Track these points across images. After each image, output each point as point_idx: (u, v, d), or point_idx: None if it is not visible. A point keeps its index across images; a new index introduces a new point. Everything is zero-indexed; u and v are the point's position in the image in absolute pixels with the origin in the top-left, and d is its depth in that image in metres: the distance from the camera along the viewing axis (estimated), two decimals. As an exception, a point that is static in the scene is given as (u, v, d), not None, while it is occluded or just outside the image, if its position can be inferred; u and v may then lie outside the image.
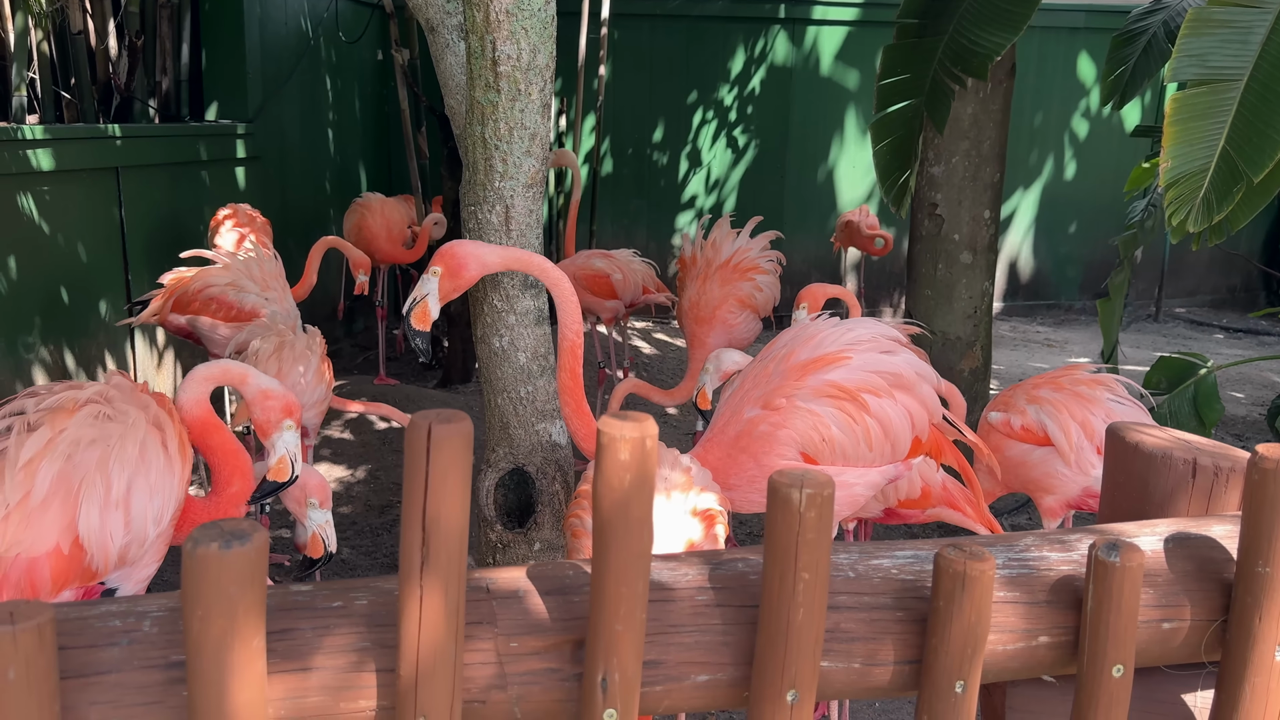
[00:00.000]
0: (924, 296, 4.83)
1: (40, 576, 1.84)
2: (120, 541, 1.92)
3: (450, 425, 0.95)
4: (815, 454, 2.17)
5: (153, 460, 2.00)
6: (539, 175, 2.21)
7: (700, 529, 1.89)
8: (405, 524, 0.97)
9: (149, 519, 1.98)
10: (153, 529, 1.98)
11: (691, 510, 1.88)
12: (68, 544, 1.88)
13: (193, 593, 0.92)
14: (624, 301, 5.62)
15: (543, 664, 1.06)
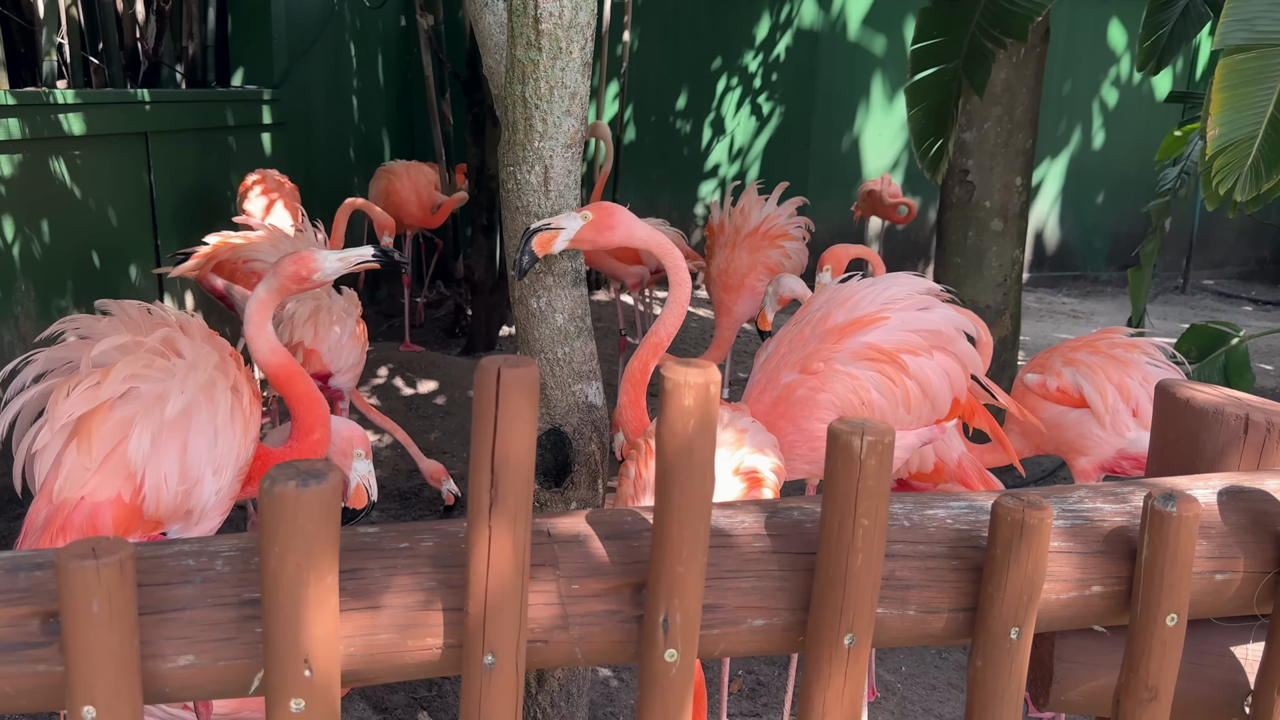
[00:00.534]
0: (953, 264, 4.81)
1: (102, 523, 1.88)
2: (174, 489, 1.94)
3: (519, 370, 0.96)
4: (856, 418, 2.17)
5: (218, 407, 2.02)
6: (578, 135, 2.21)
7: (741, 489, 1.90)
8: (474, 466, 0.99)
9: (207, 468, 1.99)
10: (211, 479, 2.00)
11: (735, 469, 1.88)
12: (129, 492, 1.91)
13: (270, 529, 0.94)
14: (649, 268, 5.62)
15: (603, 606, 1.08)
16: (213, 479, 2.04)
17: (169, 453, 1.95)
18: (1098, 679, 1.24)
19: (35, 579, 1.02)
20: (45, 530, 1.85)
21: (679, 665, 1.05)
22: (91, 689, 0.95)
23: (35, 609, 1.00)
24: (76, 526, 1.85)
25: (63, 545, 1.83)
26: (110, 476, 1.90)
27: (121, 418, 1.94)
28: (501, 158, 2.27)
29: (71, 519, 1.85)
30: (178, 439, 1.96)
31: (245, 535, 1.09)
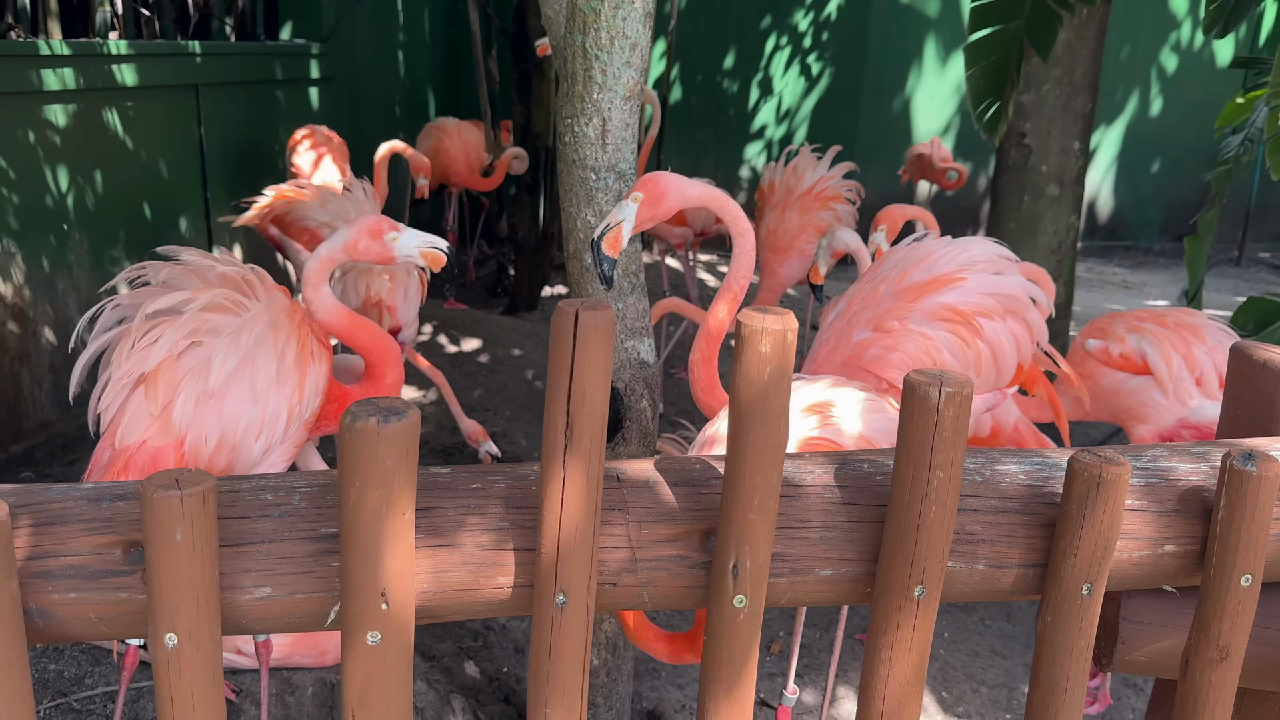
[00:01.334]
0: (1007, 229, 4.73)
1: (164, 462, 1.92)
2: (210, 451, 1.98)
3: (596, 313, 0.96)
4: (928, 379, 2.15)
5: (259, 373, 2.04)
6: (637, 87, 2.19)
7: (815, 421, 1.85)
8: (550, 408, 0.99)
9: (249, 432, 2.03)
10: (255, 442, 2.04)
11: (803, 408, 1.85)
12: (182, 448, 1.96)
13: (350, 464, 0.95)
14: (693, 230, 5.58)
15: (672, 550, 1.08)
16: (256, 441, 2.08)
17: (210, 417, 1.99)
18: (1164, 640, 1.23)
19: (117, 509, 1.04)
20: (109, 470, 1.90)
21: (747, 611, 1.05)
22: (174, 616, 0.97)
23: (118, 538, 1.02)
24: (138, 468, 1.89)
25: None
26: (167, 426, 1.95)
27: (176, 375, 1.98)
28: (559, 110, 2.26)
29: (134, 460, 1.90)
30: (216, 406, 2.00)
31: (322, 472, 1.10)
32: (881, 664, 1.09)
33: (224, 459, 2.01)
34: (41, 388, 4.40)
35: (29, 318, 4.29)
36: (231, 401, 2.03)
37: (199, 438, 1.98)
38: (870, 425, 1.79)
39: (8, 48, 4.20)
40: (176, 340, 1.98)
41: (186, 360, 1.98)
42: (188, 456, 2.00)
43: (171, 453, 1.94)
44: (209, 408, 1.99)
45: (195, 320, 2.01)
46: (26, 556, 1.00)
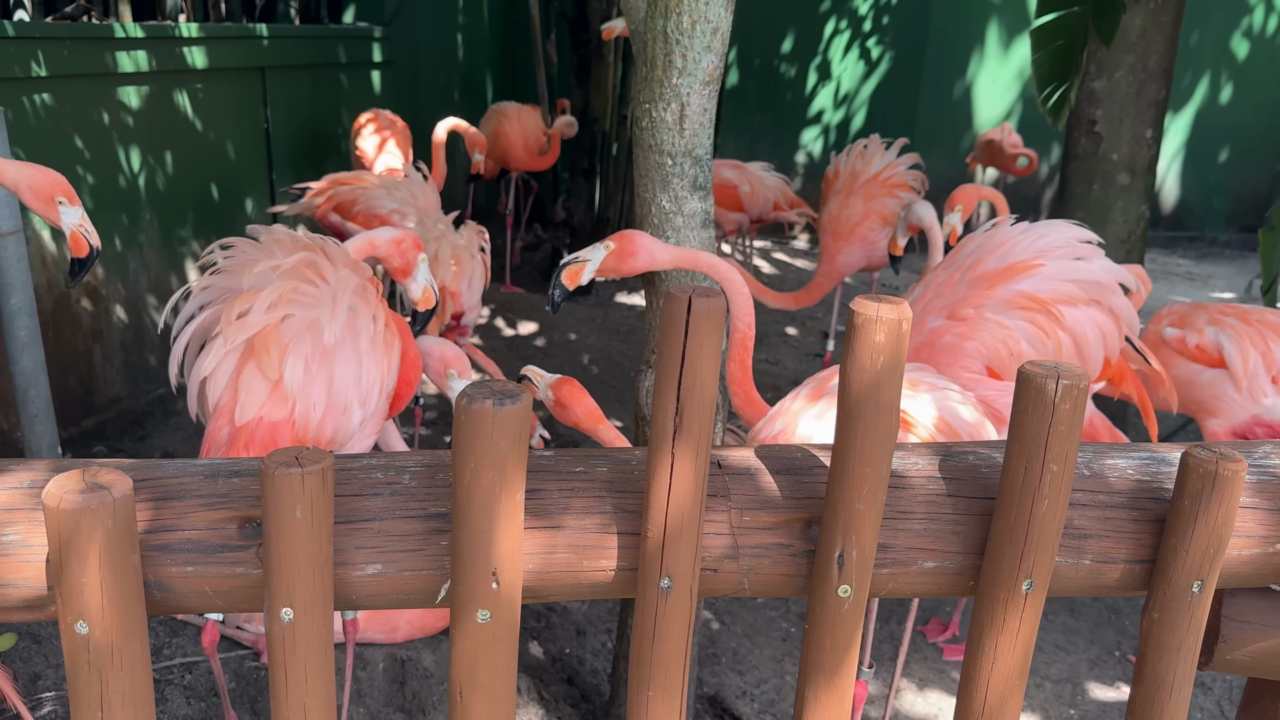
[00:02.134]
0: (1076, 218, 4.62)
1: (282, 442, 1.96)
2: (319, 418, 2.00)
3: (709, 299, 0.96)
4: (1001, 369, 2.12)
5: (360, 335, 2.07)
6: (717, 72, 2.18)
7: None
8: (659, 393, 1.00)
9: (354, 398, 2.05)
10: (357, 410, 2.06)
11: None
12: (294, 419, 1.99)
13: (465, 446, 0.97)
14: (749, 216, 5.54)
15: (773, 539, 1.08)
16: (359, 410, 2.10)
17: (318, 382, 2.01)
18: (1268, 639, 1.20)
19: (233, 485, 1.06)
20: (231, 447, 1.92)
21: (851, 601, 1.05)
22: (291, 592, 0.99)
23: (233, 513, 1.05)
24: (259, 444, 1.93)
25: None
26: (280, 394, 1.97)
27: (283, 340, 2.00)
28: (635, 95, 2.25)
29: (254, 437, 1.93)
30: (326, 369, 2.02)
31: (430, 452, 1.12)
32: (985, 657, 1.08)
33: (330, 428, 2.04)
34: (113, 364, 4.50)
35: (101, 295, 4.39)
36: (340, 365, 2.05)
37: (308, 405, 1.99)
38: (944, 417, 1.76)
39: (84, 30, 4.29)
40: (274, 303, 2.00)
41: (289, 327, 2.00)
42: (298, 425, 2.02)
43: (287, 429, 1.97)
44: (319, 372, 2.01)
45: (286, 287, 2.03)
46: (146, 530, 1.03)
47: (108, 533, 0.95)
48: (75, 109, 4.14)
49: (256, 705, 2.51)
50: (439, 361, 2.63)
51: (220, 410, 1.99)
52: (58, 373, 4.13)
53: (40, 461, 1.09)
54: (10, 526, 1.03)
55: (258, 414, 1.95)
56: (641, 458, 1.11)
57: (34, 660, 2.65)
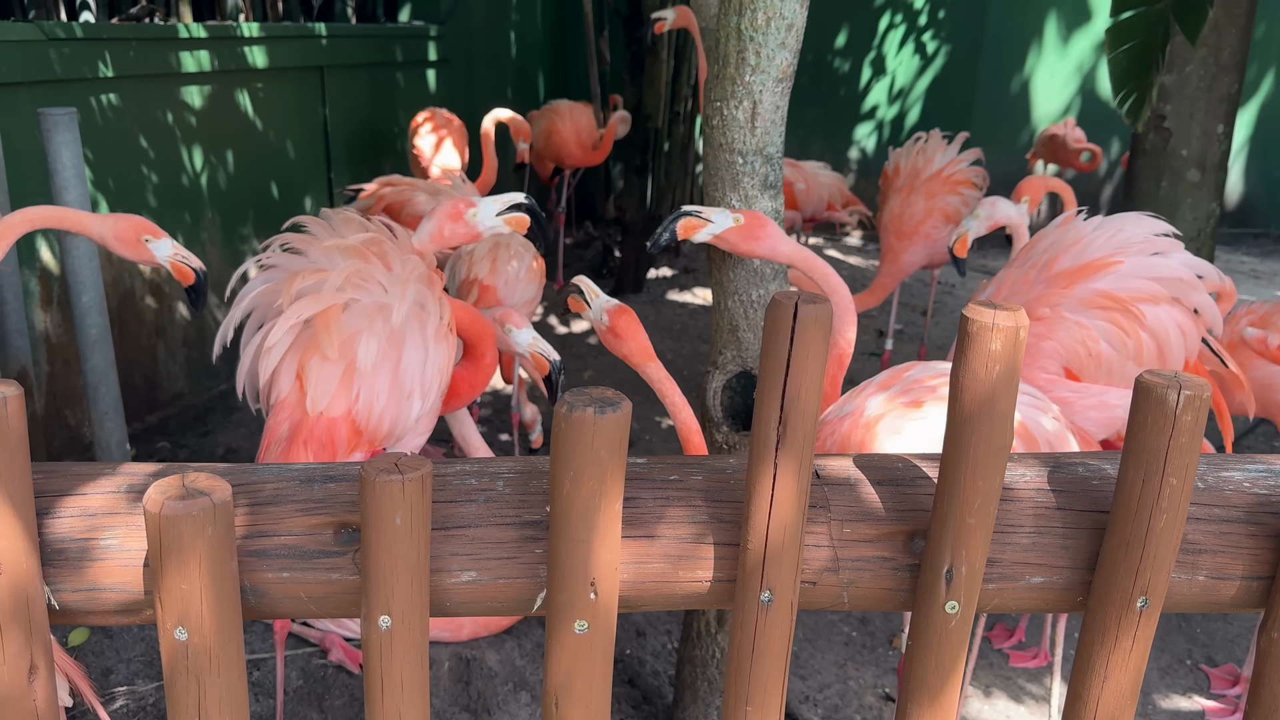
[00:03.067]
0: (1142, 217, 4.53)
1: (339, 438, 1.96)
2: (381, 408, 1.99)
3: (816, 306, 0.94)
4: (1079, 369, 2.07)
5: (428, 324, 2.06)
6: (790, 69, 2.14)
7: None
8: (762, 402, 0.97)
9: (416, 387, 2.04)
10: (418, 401, 2.05)
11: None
12: (355, 411, 1.98)
13: (566, 454, 0.95)
14: (803, 214, 5.48)
15: (875, 552, 1.05)
16: (420, 401, 2.09)
17: (383, 369, 2.00)
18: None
19: (329, 490, 1.06)
20: (292, 443, 1.93)
21: (959, 618, 1.02)
22: (390, 599, 0.98)
23: (330, 519, 1.04)
24: (318, 440, 1.93)
25: (306, 458, 1.91)
26: (343, 391, 1.97)
27: (352, 329, 1.99)
28: (707, 93, 2.23)
29: (314, 433, 1.93)
30: (393, 355, 2.01)
31: (523, 459, 1.11)
32: (1095, 676, 1.04)
33: (389, 421, 2.03)
34: (176, 360, 4.58)
35: (165, 293, 4.46)
36: (408, 351, 2.03)
37: (372, 394, 1.98)
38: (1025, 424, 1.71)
39: (149, 31, 4.35)
40: (341, 284, 1.99)
41: (357, 310, 1.99)
42: (360, 415, 2.01)
43: (345, 425, 1.97)
44: (385, 358, 2.00)
45: (353, 268, 2.03)
46: (243, 535, 1.03)
47: (208, 539, 0.95)
48: (140, 109, 4.20)
49: (324, 703, 2.53)
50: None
51: (281, 405, 1.99)
52: (123, 369, 4.20)
53: (136, 466, 1.09)
54: (108, 531, 1.03)
55: (329, 403, 1.94)
56: (737, 466, 1.09)
57: (106, 655, 2.69)
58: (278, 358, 2.00)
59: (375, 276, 2.06)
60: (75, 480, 1.06)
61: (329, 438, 1.94)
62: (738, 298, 2.33)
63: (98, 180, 4.01)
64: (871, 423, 1.91)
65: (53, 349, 3.85)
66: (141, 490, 1.06)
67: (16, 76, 3.55)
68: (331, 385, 1.96)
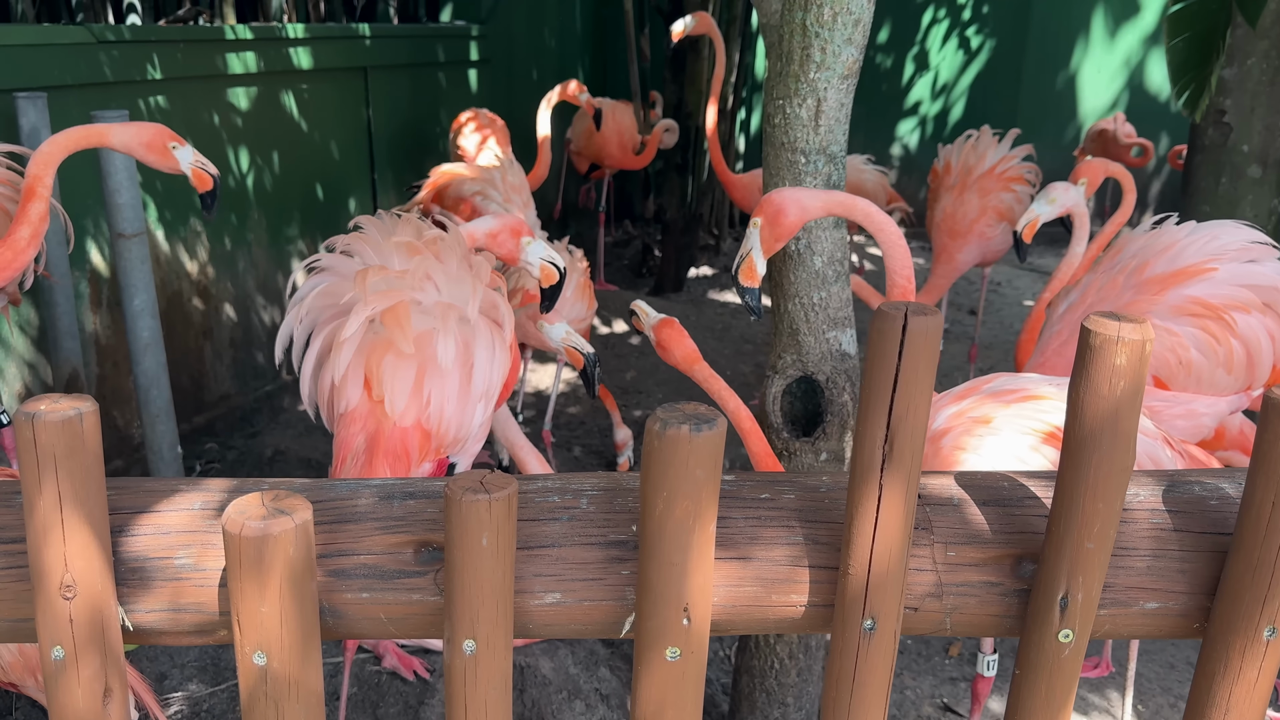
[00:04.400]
0: (1201, 213, 4.41)
1: (411, 446, 1.93)
2: (452, 412, 1.96)
3: (927, 319, 0.88)
4: (1169, 378, 1.99)
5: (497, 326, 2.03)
6: (856, 66, 2.09)
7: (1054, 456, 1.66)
8: (865, 419, 0.92)
9: (482, 390, 2.01)
10: (482, 406, 2.02)
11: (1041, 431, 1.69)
12: (425, 421, 1.95)
13: (659, 474, 0.90)
14: None
15: (980, 576, 1.00)
16: (485, 405, 2.06)
17: (455, 371, 1.96)
18: None
19: (409, 508, 1.02)
20: (372, 456, 1.88)
21: (1073, 647, 0.96)
22: (474, 623, 0.94)
23: (410, 537, 1.00)
24: (393, 451, 1.90)
25: (385, 470, 1.87)
26: (414, 395, 1.93)
27: (425, 328, 1.95)
28: (769, 91, 2.18)
29: (389, 444, 1.90)
30: (466, 357, 1.98)
31: (606, 475, 1.06)
32: (1216, 710, 0.98)
33: (455, 425, 1.99)
34: (222, 361, 4.59)
35: (211, 294, 4.48)
36: (480, 352, 2.00)
37: (443, 398, 1.94)
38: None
39: (196, 33, 4.37)
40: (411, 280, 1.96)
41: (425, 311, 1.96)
42: (431, 420, 1.97)
43: (416, 435, 1.94)
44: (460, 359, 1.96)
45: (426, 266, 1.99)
46: (321, 554, 0.99)
47: (289, 561, 0.91)
48: (187, 110, 4.22)
49: (379, 711, 2.51)
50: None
51: (352, 416, 1.95)
52: (170, 370, 4.21)
53: (213, 482, 1.06)
54: (183, 550, 1.00)
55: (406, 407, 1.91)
56: (831, 485, 1.04)
57: (160, 660, 2.69)
58: (348, 356, 1.95)
59: (443, 274, 2.03)
60: (150, 497, 1.03)
61: (403, 448, 1.92)
62: (798, 301, 2.28)
63: (146, 183, 4.03)
64: (939, 436, 1.85)
65: (102, 350, 3.87)
66: (218, 507, 1.03)
67: (67, 79, 3.56)
68: (407, 386, 1.92)
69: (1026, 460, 1.65)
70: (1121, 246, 2.18)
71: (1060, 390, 1.69)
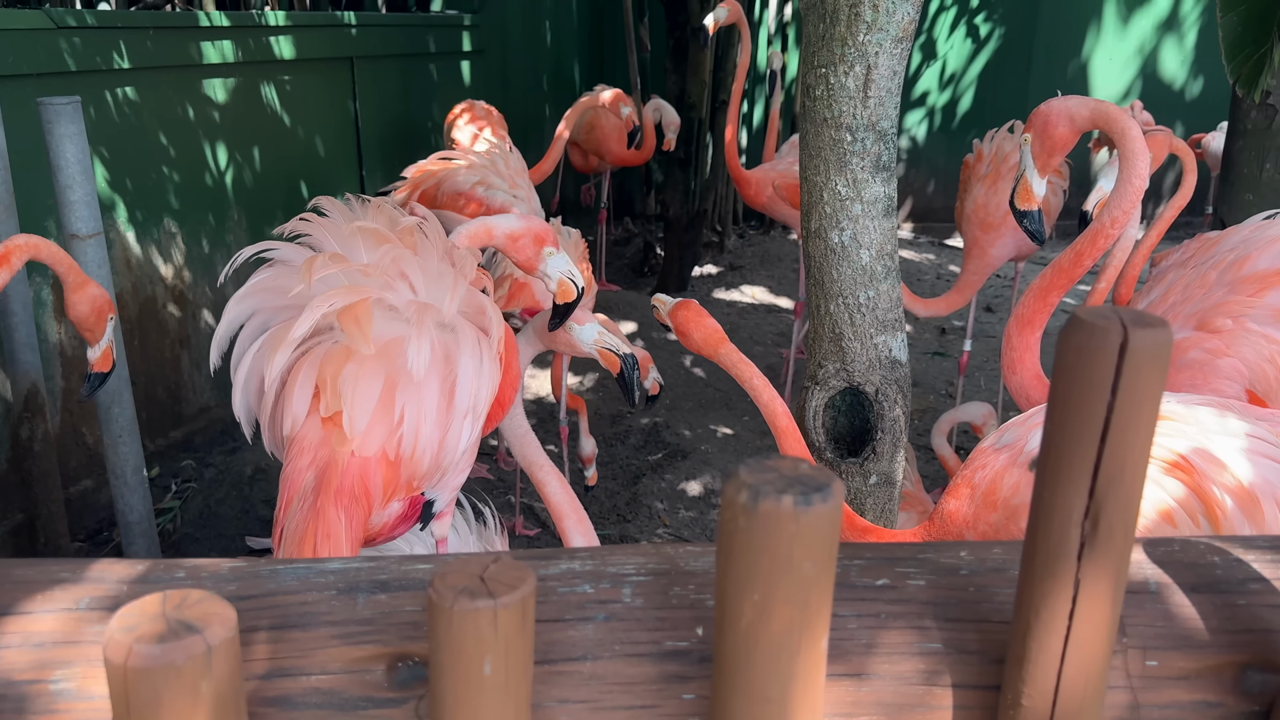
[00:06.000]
0: (1243, 201, 4.12)
1: (373, 483, 1.59)
2: (429, 435, 1.63)
3: (1154, 331, 0.59)
4: (1266, 392, 1.71)
5: (472, 353, 1.70)
6: (912, 26, 1.80)
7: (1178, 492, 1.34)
8: (1052, 480, 0.63)
9: (467, 409, 1.68)
10: (468, 425, 1.69)
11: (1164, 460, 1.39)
12: (392, 444, 1.62)
13: (747, 567, 0.61)
14: None
15: (1190, 695, 0.71)
16: (471, 427, 1.72)
17: (431, 383, 1.63)
18: None
19: (379, 605, 0.72)
20: (320, 498, 1.54)
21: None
22: (475, 783, 0.64)
23: (381, 649, 0.71)
24: (348, 491, 1.56)
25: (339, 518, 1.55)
26: (379, 421, 1.60)
27: (393, 334, 1.63)
28: (807, 58, 1.88)
29: (345, 480, 1.56)
30: (445, 368, 1.64)
31: (654, 550, 0.77)
32: None
33: (431, 453, 1.65)
34: (201, 372, 4.28)
35: (188, 300, 4.17)
36: (465, 362, 1.68)
37: (419, 418, 1.62)
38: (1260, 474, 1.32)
39: (168, 19, 4.06)
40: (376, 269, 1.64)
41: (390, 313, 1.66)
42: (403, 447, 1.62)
43: (379, 468, 1.60)
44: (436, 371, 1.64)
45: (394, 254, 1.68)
46: (257, 676, 0.70)
47: (199, 698, 0.61)
48: (159, 102, 3.91)
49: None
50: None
51: (300, 444, 1.60)
52: (144, 382, 3.92)
53: (107, 567, 0.76)
54: (60, 670, 0.70)
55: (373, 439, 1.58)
56: (976, 566, 0.74)
57: None
58: (285, 359, 1.62)
59: (419, 269, 1.71)
60: (17, 592, 0.74)
61: (362, 487, 1.57)
62: (842, 301, 1.99)
63: (114, 179, 3.72)
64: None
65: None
66: (113, 605, 0.73)
67: (22, 68, 3.26)
68: (371, 400, 1.58)
69: (1146, 496, 1.35)
70: (1218, 240, 1.89)
71: (1187, 409, 1.39)
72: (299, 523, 1.54)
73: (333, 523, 1.52)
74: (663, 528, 3.82)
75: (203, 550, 3.52)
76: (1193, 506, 1.31)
